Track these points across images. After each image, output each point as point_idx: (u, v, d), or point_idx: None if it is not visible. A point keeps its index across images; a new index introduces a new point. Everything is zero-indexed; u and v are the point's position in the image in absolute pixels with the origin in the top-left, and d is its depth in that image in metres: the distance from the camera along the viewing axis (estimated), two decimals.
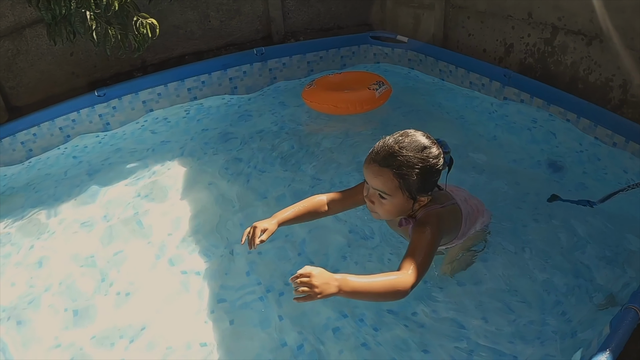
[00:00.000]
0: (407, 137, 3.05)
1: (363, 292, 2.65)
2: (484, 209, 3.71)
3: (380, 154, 3.03)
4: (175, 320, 3.68)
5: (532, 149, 4.98)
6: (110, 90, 5.80)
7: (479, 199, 3.75)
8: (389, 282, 2.69)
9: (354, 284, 2.61)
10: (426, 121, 5.55)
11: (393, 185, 3.02)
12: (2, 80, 5.74)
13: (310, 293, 2.50)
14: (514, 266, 3.77)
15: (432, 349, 3.29)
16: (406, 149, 2.98)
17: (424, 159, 2.99)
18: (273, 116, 5.99)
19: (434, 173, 3.07)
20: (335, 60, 6.74)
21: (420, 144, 3.02)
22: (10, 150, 5.39)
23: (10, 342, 3.60)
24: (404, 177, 2.98)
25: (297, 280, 2.52)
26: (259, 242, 3.18)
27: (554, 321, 3.41)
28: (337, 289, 2.55)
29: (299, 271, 2.54)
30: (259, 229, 3.22)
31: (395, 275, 2.74)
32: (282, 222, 3.36)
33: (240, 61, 6.39)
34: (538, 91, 5.20)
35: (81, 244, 4.39)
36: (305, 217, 3.49)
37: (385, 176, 3.01)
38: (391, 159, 2.98)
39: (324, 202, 3.51)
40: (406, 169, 2.97)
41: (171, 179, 5.05)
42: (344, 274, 2.60)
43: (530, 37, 5.51)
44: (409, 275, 2.74)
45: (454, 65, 5.94)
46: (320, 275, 2.54)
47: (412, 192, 3.04)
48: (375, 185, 3.07)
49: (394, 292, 2.70)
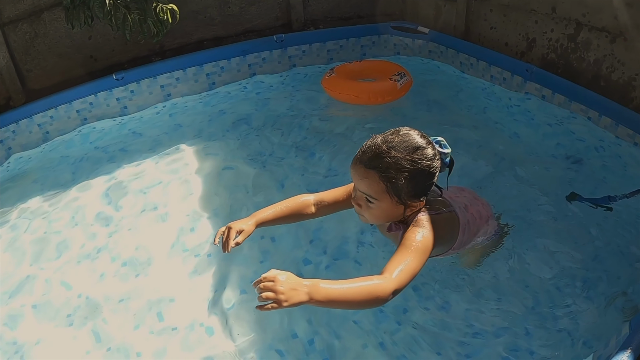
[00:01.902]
0: (398, 135, 2.88)
1: (337, 300, 2.43)
2: (489, 216, 3.51)
3: (367, 154, 2.85)
4: (185, 304, 3.69)
5: (552, 145, 4.93)
6: (128, 74, 5.80)
7: (485, 202, 3.57)
8: (367, 289, 2.48)
9: (327, 291, 2.39)
10: (445, 114, 5.53)
11: (379, 189, 2.83)
12: (20, 62, 5.74)
13: (275, 300, 2.29)
14: (526, 262, 3.71)
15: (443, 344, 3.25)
16: (395, 149, 2.80)
17: (415, 161, 2.80)
18: (291, 103, 5.97)
19: (426, 176, 2.88)
20: (355, 49, 6.69)
21: (412, 144, 2.84)
22: (27, 132, 5.40)
23: (23, 324, 3.64)
24: (391, 181, 2.80)
25: (260, 285, 2.33)
26: (234, 245, 2.99)
27: (565, 319, 3.37)
28: (307, 297, 2.34)
29: (263, 275, 2.36)
30: (234, 230, 3.04)
31: (374, 280, 2.52)
32: (261, 223, 3.17)
33: (259, 48, 6.36)
34: (560, 87, 5.12)
35: (97, 225, 4.41)
36: (287, 219, 3.29)
37: (371, 179, 2.82)
38: (378, 160, 2.80)
39: (310, 202, 3.31)
40: (394, 171, 2.78)
41: (188, 164, 5.04)
42: (314, 279, 2.41)
43: (554, 33, 5.45)
44: (390, 281, 2.53)
45: (475, 58, 5.88)
46: (286, 280, 2.34)
47: (401, 197, 2.86)
48: (361, 188, 2.89)
49: (372, 299, 2.49)
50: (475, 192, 3.65)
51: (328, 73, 5.90)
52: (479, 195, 3.61)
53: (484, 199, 3.58)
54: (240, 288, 3.72)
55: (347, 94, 5.65)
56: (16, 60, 5.71)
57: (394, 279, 2.55)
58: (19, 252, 4.21)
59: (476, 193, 3.63)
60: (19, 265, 4.09)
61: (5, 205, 4.72)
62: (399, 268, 2.61)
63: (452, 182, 4.23)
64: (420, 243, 2.77)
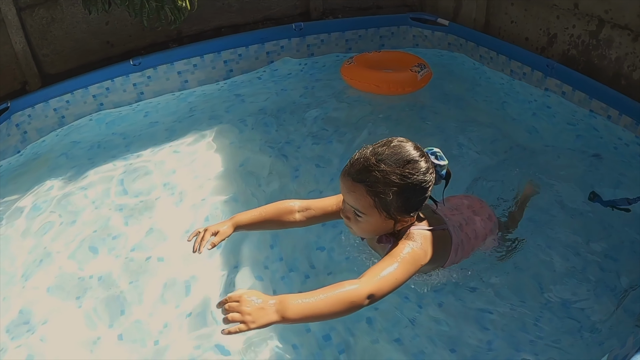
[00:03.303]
0: (389, 147, 2.76)
1: (311, 314, 2.38)
2: (487, 233, 3.40)
3: (355, 166, 2.75)
4: (196, 290, 3.68)
5: (570, 141, 4.90)
6: (145, 60, 5.79)
7: (487, 214, 3.47)
8: (340, 296, 2.43)
9: (298, 308, 2.34)
10: (463, 108, 5.50)
11: (367, 204, 2.74)
12: (36, 47, 5.75)
13: (242, 321, 2.23)
14: (540, 259, 3.68)
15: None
16: (385, 163, 2.69)
17: (406, 176, 2.69)
18: (308, 92, 5.94)
19: (418, 191, 2.76)
20: (374, 39, 6.65)
21: (404, 157, 2.72)
22: (42, 116, 5.40)
23: (37, 305, 3.65)
24: (379, 196, 2.70)
25: (225, 306, 2.28)
26: (210, 247, 2.96)
27: (577, 315, 3.36)
28: (278, 315, 2.30)
29: (229, 294, 2.32)
30: (210, 232, 3.01)
31: (346, 286, 2.47)
32: (240, 226, 3.12)
33: (278, 35, 6.34)
34: (581, 84, 5.07)
35: (112, 210, 4.41)
36: (268, 224, 3.23)
37: (359, 193, 2.73)
38: (365, 174, 2.70)
39: (294, 209, 3.21)
40: (382, 186, 2.68)
41: (203, 151, 5.04)
42: (282, 295, 2.38)
43: (575, 29, 5.39)
44: (364, 285, 2.49)
45: (495, 52, 5.83)
46: (251, 300, 2.29)
47: (390, 212, 2.76)
48: (349, 201, 2.81)
49: (347, 306, 2.44)
50: (481, 200, 3.58)
51: (347, 62, 5.86)
52: (491, 192, 3.56)
53: (487, 211, 3.50)
54: (253, 274, 3.70)
55: (366, 83, 5.61)
56: (32, 45, 5.72)
57: (370, 284, 2.51)
58: (33, 236, 4.22)
59: (482, 202, 3.56)
60: (34, 249, 4.11)
61: (20, 189, 4.72)
62: (379, 274, 2.58)
63: (469, 174, 4.24)
64: (408, 255, 2.72)
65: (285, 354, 3.19)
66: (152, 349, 3.34)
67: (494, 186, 4.16)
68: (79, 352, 3.34)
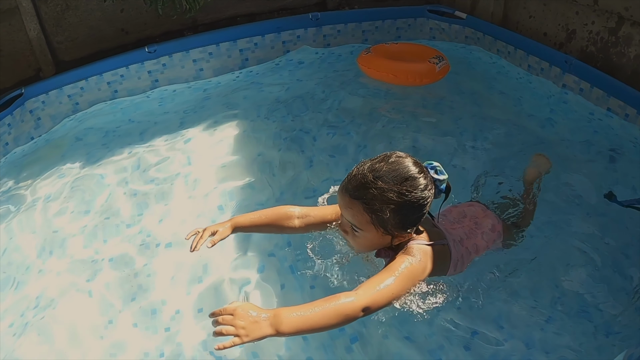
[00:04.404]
0: (387, 163, 2.72)
1: (305, 328, 2.39)
2: (487, 246, 3.33)
3: (352, 182, 2.72)
4: (206, 276, 3.70)
5: (586, 138, 4.85)
6: (161, 47, 5.79)
7: (490, 225, 3.39)
8: (334, 309, 2.43)
9: (292, 321, 2.35)
10: (479, 102, 5.47)
11: (364, 220, 2.71)
12: (51, 34, 5.76)
13: (235, 335, 2.24)
14: (556, 258, 3.64)
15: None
16: (382, 180, 2.65)
17: (403, 193, 2.65)
18: (323, 82, 5.91)
19: (416, 208, 2.73)
20: (391, 31, 6.62)
21: (402, 174, 2.69)
22: (56, 103, 5.43)
23: (51, 286, 3.72)
24: (376, 213, 2.67)
25: (219, 319, 2.28)
26: (210, 245, 2.99)
27: (592, 314, 3.33)
28: (272, 329, 2.31)
29: (223, 307, 2.32)
30: (209, 231, 3.03)
31: (341, 299, 2.47)
32: (238, 227, 3.14)
33: (294, 25, 6.33)
34: (599, 81, 5.02)
35: (124, 197, 4.44)
36: (266, 228, 3.22)
37: (356, 209, 2.70)
38: (362, 191, 2.67)
39: (293, 215, 3.19)
40: (379, 203, 2.65)
41: (217, 139, 5.05)
42: (277, 309, 2.38)
43: (594, 25, 5.34)
44: (359, 298, 2.49)
45: (512, 47, 5.79)
46: (246, 314, 2.29)
47: (387, 229, 2.73)
48: (347, 217, 2.78)
49: (341, 319, 2.45)
50: (484, 209, 3.54)
51: (364, 51, 5.84)
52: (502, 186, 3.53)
53: (490, 220, 3.45)
54: (260, 263, 3.70)
55: (384, 72, 5.59)
56: (47, 32, 5.73)
57: (365, 296, 2.51)
58: (47, 221, 4.26)
59: (486, 210, 3.53)
60: (48, 233, 4.15)
61: (34, 175, 4.75)
62: (375, 286, 2.58)
63: (482, 166, 4.21)
64: (406, 270, 2.70)
65: (295, 343, 3.19)
66: (163, 335, 3.36)
67: (505, 180, 4.12)
68: (90, 336, 3.38)
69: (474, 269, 3.27)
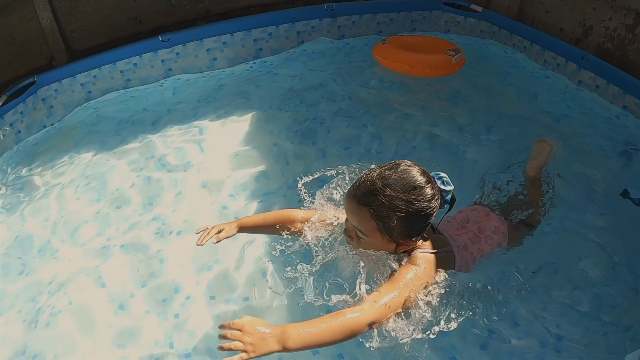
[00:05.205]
0: (396, 172, 2.76)
1: (312, 344, 2.44)
2: (492, 249, 3.36)
3: (361, 189, 2.75)
4: (217, 265, 3.72)
5: (601, 135, 4.81)
6: (174, 36, 5.78)
7: (494, 228, 3.42)
8: (341, 325, 2.48)
9: (299, 338, 2.39)
10: (494, 96, 5.45)
11: (370, 227, 2.76)
12: (64, 23, 5.74)
13: (242, 351, 2.28)
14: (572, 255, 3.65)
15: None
16: (391, 188, 2.69)
17: (411, 202, 2.70)
18: (338, 73, 5.89)
19: (422, 217, 2.77)
20: (406, 23, 6.60)
21: (410, 183, 2.72)
22: (69, 91, 5.44)
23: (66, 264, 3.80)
24: (383, 220, 2.71)
25: (228, 334, 2.31)
26: (215, 241, 3.13)
27: (608, 317, 3.32)
28: (279, 345, 2.36)
29: (232, 322, 2.36)
30: (216, 229, 3.18)
31: (347, 315, 2.52)
32: (243, 228, 3.28)
33: (309, 15, 6.31)
34: (615, 78, 4.99)
35: (138, 185, 4.48)
36: (270, 230, 3.32)
37: (363, 216, 2.74)
38: (371, 197, 2.70)
39: (296, 219, 3.26)
40: (386, 211, 2.69)
41: (231, 129, 5.07)
42: (284, 325, 2.43)
43: (612, 21, 5.29)
44: (367, 313, 2.55)
45: (528, 41, 5.76)
46: (254, 330, 2.34)
47: (392, 236, 2.78)
48: (353, 222, 2.83)
49: (348, 334, 2.51)
50: (487, 212, 3.55)
51: (380, 42, 5.83)
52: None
53: (494, 222, 3.46)
54: (272, 247, 3.60)
55: (400, 63, 5.57)
56: (60, 21, 5.71)
57: (372, 312, 2.57)
58: (60, 208, 4.29)
59: (489, 213, 3.54)
60: (60, 221, 4.18)
61: (46, 163, 4.79)
62: (380, 300, 2.61)
63: (494, 159, 4.19)
64: (410, 281, 2.74)
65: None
66: (172, 322, 3.40)
67: (512, 178, 4.09)
68: (101, 322, 3.42)
69: (493, 268, 3.29)
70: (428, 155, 4.55)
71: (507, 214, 3.61)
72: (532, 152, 4.04)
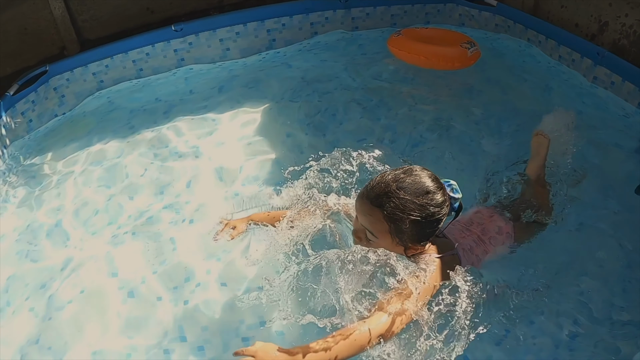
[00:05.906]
0: (410, 176, 2.80)
1: None
2: (496, 250, 3.37)
3: (374, 190, 2.78)
4: (225, 255, 3.69)
5: (616, 132, 4.78)
6: (187, 26, 5.77)
7: (499, 228, 3.44)
8: (350, 344, 2.52)
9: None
10: (508, 91, 5.43)
11: (382, 228, 2.78)
12: (76, 13, 5.75)
13: None
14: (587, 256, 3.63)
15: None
16: (404, 191, 2.73)
17: (423, 206, 2.74)
18: (351, 65, 5.88)
19: (432, 222, 2.81)
20: (420, 16, 6.57)
21: (423, 188, 2.76)
22: (81, 80, 5.44)
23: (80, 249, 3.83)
24: (396, 222, 2.74)
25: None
26: (229, 239, 3.46)
27: (618, 317, 3.30)
28: None
29: (245, 348, 2.45)
30: (229, 225, 3.52)
31: (355, 331, 2.55)
32: (254, 221, 3.55)
33: (323, 7, 6.27)
34: (631, 75, 4.94)
35: (151, 174, 4.48)
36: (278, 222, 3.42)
37: (375, 217, 2.77)
38: (384, 199, 2.73)
39: (304, 214, 3.34)
40: (400, 213, 2.72)
41: (242, 120, 5.07)
42: (294, 348, 2.50)
43: (628, 18, 5.24)
44: (374, 328, 2.57)
45: (543, 36, 5.72)
46: (266, 356, 2.42)
47: (402, 239, 2.81)
48: (364, 223, 2.84)
49: (358, 351, 2.55)
50: (491, 213, 3.56)
51: (395, 34, 5.77)
52: None
53: (497, 223, 3.47)
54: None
55: (415, 54, 5.51)
56: (72, 11, 5.72)
57: (379, 327, 2.61)
58: (71, 197, 4.32)
59: (492, 214, 3.55)
60: (72, 208, 4.20)
61: (58, 152, 4.80)
62: (387, 313, 2.64)
63: (508, 154, 4.16)
64: (418, 289, 2.74)
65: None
66: (182, 308, 3.41)
67: (515, 177, 4.07)
68: (110, 310, 3.43)
69: (513, 272, 3.32)
70: (441, 146, 4.56)
71: (514, 214, 3.61)
72: (532, 151, 4.01)
